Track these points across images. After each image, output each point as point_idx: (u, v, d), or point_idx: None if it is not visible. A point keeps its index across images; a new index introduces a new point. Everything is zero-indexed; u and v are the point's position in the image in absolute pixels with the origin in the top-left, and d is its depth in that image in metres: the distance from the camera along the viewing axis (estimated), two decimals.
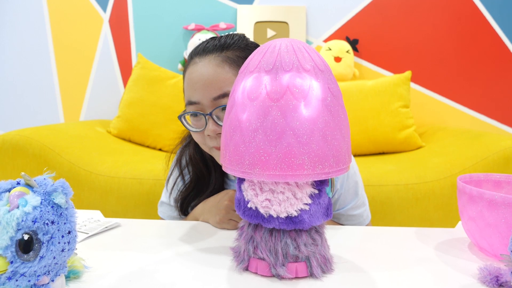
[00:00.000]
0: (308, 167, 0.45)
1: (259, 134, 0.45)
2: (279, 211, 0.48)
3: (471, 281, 0.50)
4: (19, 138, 1.38)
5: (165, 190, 0.93)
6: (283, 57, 0.47)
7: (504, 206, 0.52)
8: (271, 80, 0.46)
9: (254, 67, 0.48)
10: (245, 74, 0.49)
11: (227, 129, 0.49)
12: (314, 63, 0.47)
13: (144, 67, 1.87)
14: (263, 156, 0.45)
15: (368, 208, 0.90)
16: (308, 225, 0.49)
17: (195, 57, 0.74)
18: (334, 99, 0.47)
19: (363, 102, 1.73)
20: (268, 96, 0.46)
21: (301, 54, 0.47)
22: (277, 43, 0.48)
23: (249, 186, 0.50)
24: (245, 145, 0.46)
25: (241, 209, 0.52)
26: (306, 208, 0.48)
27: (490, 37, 2.03)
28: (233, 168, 0.48)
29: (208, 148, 0.76)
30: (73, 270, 0.49)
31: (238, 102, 0.48)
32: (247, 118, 0.46)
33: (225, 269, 0.53)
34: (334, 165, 0.46)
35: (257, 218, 0.50)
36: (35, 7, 2.19)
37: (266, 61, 0.47)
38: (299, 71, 0.46)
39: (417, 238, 0.66)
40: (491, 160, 1.31)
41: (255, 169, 0.45)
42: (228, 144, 0.49)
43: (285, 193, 0.48)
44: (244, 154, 0.46)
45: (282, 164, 0.44)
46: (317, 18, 2.10)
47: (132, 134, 1.81)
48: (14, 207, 0.39)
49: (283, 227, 0.49)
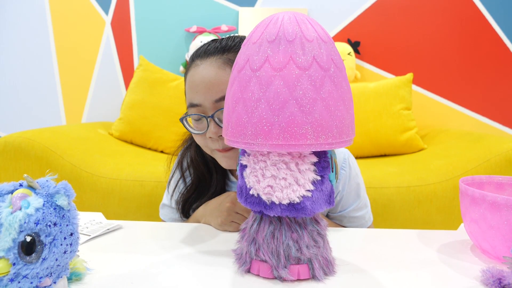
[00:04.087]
0: (311, 137, 0.44)
1: (261, 104, 0.45)
2: (281, 198, 0.47)
3: (474, 283, 0.50)
4: (21, 140, 1.38)
5: (167, 192, 0.93)
6: (286, 28, 0.46)
7: (507, 208, 0.52)
8: (274, 50, 0.46)
9: (256, 38, 0.48)
10: (248, 45, 0.48)
11: (230, 101, 0.49)
12: (317, 34, 0.47)
13: (146, 69, 1.87)
14: (265, 126, 0.45)
15: (370, 210, 0.90)
16: (311, 212, 0.48)
17: (197, 60, 0.74)
18: (337, 70, 0.47)
19: (365, 104, 1.73)
20: (271, 66, 0.45)
21: (304, 25, 0.47)
22: (280, 15, 0.48)
23: (251, 172, 0.50)
24: (248, 116, 0.46)
25: (243, 196, 0.51)
26: (308, 194, 0.48)
27: (492, 39, 2.03)
28: (236, 140, 0.47)
29: (210, 150, 0.76)
30: (75, 272, 0.49)
31: (241, 73, 0.48)
32: (250, 88, 0.46)
33: (227, 271, 0.53)
34: (337, 136, 0.46)
35: (259, 205, 0.49)
36: (37, 9, 2.20)
37: (269, 32, 0.47)
38: (302, 41, 0.46)
39: (419, 240, 0.66)
40: (493, 162, 1.31)
41: (257, 139, 0.45)
42: (230, 116, 0.48)
43: (288, 179, 0.47)
44: (246, 125, 0.46)
45: (285, 133, 0.44)
46: (319, 20, 2.08)
47: (134, 136, 1.81)
48: (16, 209, 0.39)
49: (285, 214, 0.48)
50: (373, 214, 0.94)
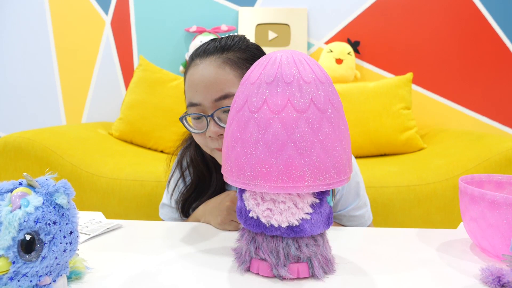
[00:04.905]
0: (309, 179, 0.45)
1: (260, 146, 0.46)
2: (281, 221, 0.48)
3: (473, 282, 0.50)
4: (21, 140, 1.38)
5: (166, 192, 0.93)
6: (284, 69, 0.47)
7: (506, 207, 0.52)
8: (272, 92, 0.46)
9: (255, 79, 0.48)
10: (246, 85, 0.49)
11: (228, 140, 0.49)
12: (314, 75, 0.47)
13: (146, 69, 1.87)
14: (264, 168, 0.45)
15: (369, 209, 0.90)
16: (309, 234, 0.49)
17: (196, 59, 0.74)
18: (334, 110, 0.47)
19: (365, 104, 1.73)
20: (269, 108, 0.46)
21: (302, 66, 0.47)
22: (278, 55, 0.48)
23: (251, 195, 0.50)
24: (246, 157, 0.46)
25: (242, 218, 0.52)
26: (307, 217, 0.49)
27: (492, 39, 2.03)
28: (235, 179, 0.48)
29: (209, 150, 0.76)
30: (75, 271, 0.50)
31: (239, 114, 0.48)
32: (249, 130, 0.47)
33: (226, 270, 0.53)
34: (335, 176, 0.46)
35: (259, 227, 0.50)
36: (37, 9, 2.20)
37: (267, 73, 0.47)
38: (299, 83, 0.46)
39: (419, 239, 0.66)
40: (493, 161, 1.31)
41: (256, 180, 0.46)
42: (229, 155, 0.49)
43: (287, 202, 0.48)
44: (245, 166, 0.46)
45: (283, 176, 0.45)
46: (319, 20, 2.10)
47: (134, 136, 1.81)
48: (16, 207, 0.39)
49: (284, 235, 0.49)
50: (373, 213, 0.94)
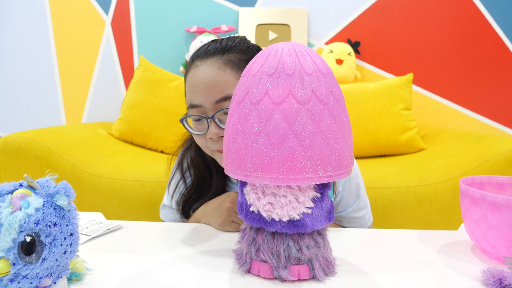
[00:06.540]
0: (310, 171, 0.45)
1: (261, 138, 0.45)
2: (281, 215, 0.48)
3: (474, 283, 0.50)
4: (21, 140, 1.38)
5: (167, 193, 0.93)
6: (285, 60, 0.47)
7: (507, 208, 0.52)
8: (273, 83, 0.46)
9: (256, 70, 0.48)
10: (247, 77, 0.49)
11: (229, 132, 0.49)
12: (316, 67, 0.47)
13: (146, 70, 1.87)
14: (265, 160, 0.45)
15: (370, 211, 0.90)
16: (311, 228, 0.49)
17: (197, 60, 0.74)
18: (336, 102, 0.47)
19: (365, 104, 1.73)
20: (271, 99, 0.46)
21: (303, 58, 0.47)
22: (279, 47, 0.48)
23: (251, 189, 0.50)
24: (247, 149, 0.46)
25: (243, 212, 0.52)
26: (308, 211, 0.48)
27: (492, 39, 2.03)
28: (235, 171, 0.48)
29: (210, 151, 0.76)
30: (75, 272, 0.49)
31: (240, 106, 0.48)
32: (250, 121, 0.46)
33: (227, 272, 0.53)
34: (336, 169, 0.46)
35: (260, 222, 0.49)
36: (38, 9, 2.19)
37: (268, 65, 0.47)
38: (301, 75, 0.46)
39: (419, 240, 0.66)
40: (494, 162, 1.31)
41: (257, 172, 0.45)
42: (230, 147, 0.49)
43: (288, 196, 0.48)
44: (246, 158, 0.46)
45: (284, 167, 0.44)
46: (319, 21, 2.10)
47: (134, 136, 1.81)
48: (16, 209, 0.39)
49: (285, 230, 0.49)
50: (373, 214, 0.94)
